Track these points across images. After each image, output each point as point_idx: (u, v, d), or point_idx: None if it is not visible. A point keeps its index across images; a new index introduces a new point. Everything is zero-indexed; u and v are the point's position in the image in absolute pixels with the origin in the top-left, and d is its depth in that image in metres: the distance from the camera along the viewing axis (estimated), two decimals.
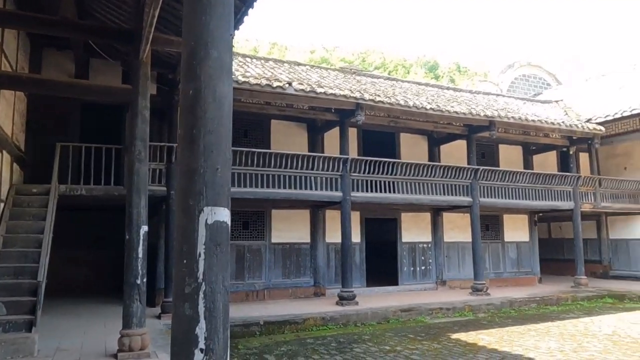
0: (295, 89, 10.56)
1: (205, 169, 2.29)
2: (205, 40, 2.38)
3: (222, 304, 2.26)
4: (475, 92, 18.15)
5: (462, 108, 13.05)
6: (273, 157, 10.84)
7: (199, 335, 2.17)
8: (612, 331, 9.16)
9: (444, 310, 11.11)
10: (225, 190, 2.34)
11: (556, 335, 8.88)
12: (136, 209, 6.41)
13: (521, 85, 23.70)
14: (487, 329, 9.53)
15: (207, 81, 2.35)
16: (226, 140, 2.38)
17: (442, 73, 62.12)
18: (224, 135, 2.37)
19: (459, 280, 14.64)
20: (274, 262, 12.48)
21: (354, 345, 8.14)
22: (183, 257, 2.25)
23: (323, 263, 12.98)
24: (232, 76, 10.23)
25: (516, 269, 15.89)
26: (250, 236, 12.41)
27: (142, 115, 6.61)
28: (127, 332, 6.13)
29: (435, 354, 7.46)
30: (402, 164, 12.45)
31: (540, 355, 7.28)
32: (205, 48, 2.38)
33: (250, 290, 12.07)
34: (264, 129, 12.87)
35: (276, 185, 10.88)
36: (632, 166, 16.77)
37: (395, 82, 16.26)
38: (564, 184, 14.73)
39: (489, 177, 13.54)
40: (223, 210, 2.31)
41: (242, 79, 10.11)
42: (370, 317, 10.23)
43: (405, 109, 11.99)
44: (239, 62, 12.41)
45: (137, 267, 6.27)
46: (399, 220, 14.38)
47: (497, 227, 15.82)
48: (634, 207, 15.86)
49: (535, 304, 12.35)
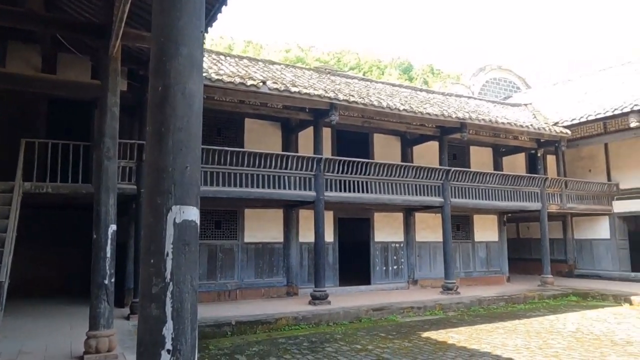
0: (270, 88, 10.51)
1: (174, 167, 2.26)
2: (175, 36, 2.35)
3: (191, 304, 2.23)
4: (447, 94, 18.45)
5: (435, 110, 13.24)
6: (246, 156, 10.77)
7: (165, 336, 2.14)
8: (575, 328, 9.45)
9: (415, 309, 11.25)
10: (194, 188, 2.32)
11: (523, 332, 9.10)
12: (104, 208, 6.27)
13: (492, 88, 24.19)
14: (456, 327, 9.69)
15: (177, 78, 2.32)
16: (196, 138, 2.35)
17: (416, 75, 62.88)
18: (194, 133, 2.35)
19: (430, 280, 14.85)
20: (246, 262, 12.41)
21: (325, 344, 8.16)
22: (150, 257, 2.22)
23: (296, 263, 12.97)
24: (205, 74, 10.12)
25: (486, 268, 16.22)
26: (223, 236, 12.30)
27: (112, 111, 6.47)
28: (93, 333, 5.99)
29: (405, 352, 7.54)
30: (376, 164, 12.55)
31: (507, 353, 7.45)
32: (175, 45, 2.35)
33: (223, 290, 11.96)
34: (238, 128, 12.77)
35: (249, 185, 10.81)
36: (597, 169, 17.34)
37: (369, 83, 16.37)
38: (532, 185, 15.11)
39: (460, 178, 13.78)
40: (192, 209, 2.28)
41: (216, 76, 10.01)
42: (343, 316, 10.28)
43: (378, 110, 12.08)
44: (213, 60, 12.28)
45: (105, 267, 6.13)
46: (372, 220, 14.49)
47: (467, 227, 16.11)
48: (598, 208, 16.40)
49: (503, 302, 12.63)
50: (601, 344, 8.06)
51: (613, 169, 16.86)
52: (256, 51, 60.63)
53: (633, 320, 10.27)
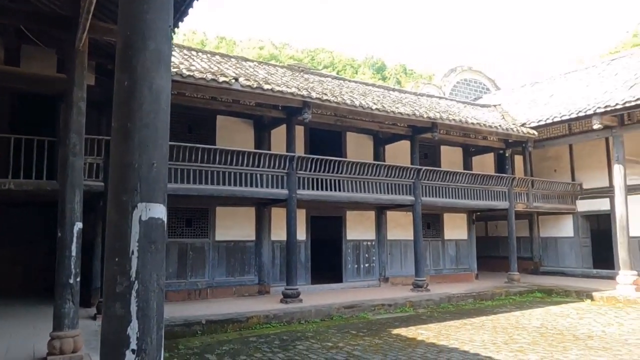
0: (242, 85, 10.42)
1: (140, 163, 2.21)
2: (142, 30, 2.30)
3: (157, 303, 2.19)
4: (419, 94, 18.68)
5: (407, 109, 13.39)
6: (218, 154, 10.65)
7: (130, 336, 2.10)
8: (540, 324, 9.73)
9: (386, 307, 11.37)
10: (161, 186, 2.28)
11: (490, 328, 9.32)
12: (70, 205, 6.10)
13: (463, 89, 24.62)
14: (426, 323, 9.84)
15: (144, 73, 2.27)
16: (163, 134, 2.31)
17: (389, 74, 63.43)
18: (161, 130, 2.30)
19: (401, 277, 15.03)
20: (217, 260, 12.29)
21: (297, 342, 8.16)
22: (115, 255, 2.17)
23: (268, 261, 12.92)
24: (176, 69, 9.94)
25: (455, 266, 16.53)
26: (194, 234, 12.15)
27: (78, 106, 6.29)
28: (57, 334, 5.83)
29: (376, 349, 7.62)
30: (348, 162, 12.61)
31: (475, 348, 7.61)
32: (142, 39, 2.30)
33: (193, 289, 11.82)
34: (210, 125, 12.62)
35: (221, 182, 10.70)
36: (562, 169, 17.88)
37: (342, 82, 16.43)
38: (500, 184, 15.46)
39: (431, 177, 13.98)
40: (158, 207, 2.25)
41: (187, 72, 9.86)
42: (314, 314, 10.30)
43: (351, 109, 12.14)
44: (184, 55, 12.10)
45: (70, 266, 5.97)
46: (344, 218, 14.55)
47: (437, 226, 16.38)
48: (563, 207, 16.91)
49: (471, 299, 12.90)
50: (564, 338, 8.33)
51: (577, 170, 17.42)
52: (229, 48, 60.03)
53: (594, 315, 10.65)
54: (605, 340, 8.14)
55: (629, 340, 8.08)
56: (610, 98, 13.64)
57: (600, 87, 15.73)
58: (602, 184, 16.30)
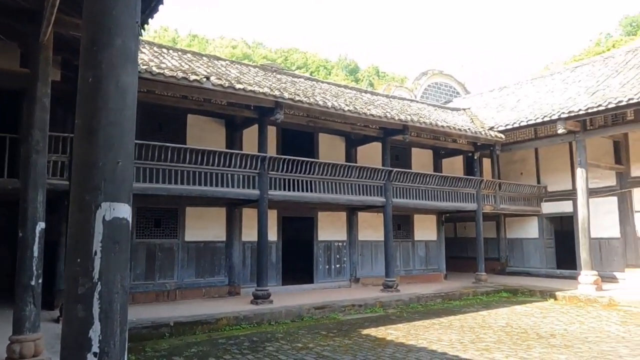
0: (213, 84, 10.31)
1: (104, 162, 2.16)
2: (108, 26, 2.25)
3: (120, 304, 2.14)
4: (391, 96, 18.89)
5: (378, 111, 13.51)
6: (189, 153, 10.50)
7: (92, 339, 2.04)
8: (505, 323, 9.96)
9: (357, 307, 11.43)
10: (126, 185, 2.23)
11: (457, 328, 9.48)
12: (32, 204, 5.91)
13: (434, 93, 25.02)
14: (395, 324, 9.94)
15: (109, 70, 2.22)
16: (129, 132, 2.27)
17: (362, 76, 63.89)
18: (127, 127, 2.26)
19: (372, 278, 15.15)
20: (187, 261, 12.11)
21: (267, 344, 8.12)
22: (77, 256, 2.11)
23: (238, 262, 12.82)
24: (146, 67, 9.74)
25: (424, 267, 16.77)
26: (163, 234, 11.94)
27: (42, 102, 6.10)
28: (17, 337, 5.63)
29: (345, 349, 7.65)
30: (320, 163, 12.63)
31: (443, 347, 7.73)
32: (108, 34, 2.25)
33: (161, 290, 11.61)
34: (180, 124, 12.44)
35: (191, 182, 10.55)
36: (528, 172, 18.38)
37: (315, 83, 16.46)
38: (469, 186, 15.78)
39: (402, 179, 14.15)
40: (123, 206, 2.20)
41: (157, 70, 9.69)
42: (285, 315, 10.27)
43: (324, 110, 12.16)
44: (154, 53, 11.89)
45: (31, 267, 5.78)
46: (316, 219, 14.58)
47: (408, 227, 16.58)
48: (528, 209, 17.38)
49: (440, 299, 13.10)
50: (528, 337, 8.55)
51: (542, 173, 17.94)
52: (201, 46, 59.31)
53: (557, 314, 10.98)
54: (567, 338, 8.40)
55: (589, 338, 8.36)
56: (574, 104, 14.10)
57: (565, 93, 16.24)
58: (566, 187, 16.84)
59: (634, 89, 13.03)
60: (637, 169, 14.99)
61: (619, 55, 17.42)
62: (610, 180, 15.54)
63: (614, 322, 9.94)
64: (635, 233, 14.79)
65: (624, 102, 12.50)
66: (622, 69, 15.61)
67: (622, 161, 15.35)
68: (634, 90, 12.75)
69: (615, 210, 15.30)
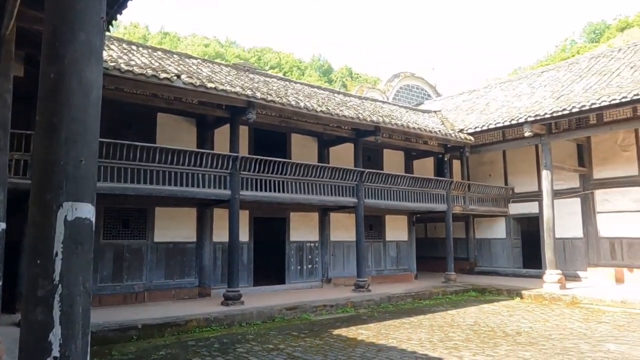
0: (184, 82, 10.16)
1: (66, 160, 2.10)
2: (71, 20, 2.19)
3: (82, 307, 2.08)
4: (363, 98, 19.02)
5: (351, 112, 13.58)
6: (158, 152, 10.32)
7: (52, 342, 1.98)
8: (473, 321, 10.16)
9: (328, 307, 11.46)
10: (90, 184, 2.17)
11: (427, 327, 9.62)
12: None
13: (405, 95, 25.33)
14: (366, 323, 10.01)
15: (72, 65, 2.16)
16: (93, 130, 2.21)
17: (336, 77, 64.11)
18: (91, 125, 2.20)
19: (344, 278, 15.21)
20: (156, 262, 11.90)
21: (237, 345, 8.05)
22: (37, 257, 2.04)
23: (209, 263, 12.67)
24: (114, 64, 9.52)
25: (396, 267, 16.95)
26: (131, 235, 11.70)
27: (3, 98, 5.89)
28: None
29: (316, 349, 7.66)
30: (292, 164, 12.60)
31: (412, 346, 7.83)
32: (71, 29, 2.18)
33: (129, 292, 11.37)
34: (150, 122, 12.21)
35: (161, 182, 10.37)
36: (496, 174, 18.81)
37: (288, 83, 16.42)
38: (439, 187, 16.03)
39: (374, 180, 14.26)
40: (86, 206, 2.14)
41: (126, 67, 9.48)
42: (256, 316, 10.20)
43: (296, 110, 12.14)
44: (123, 50, 11.64)
45: None
46: (288, 219, 14.54)
47: (379, 227, 16.73)
48: (496, 210, 17.79)
49: (410, 298, 13.26)
50: (495, 335, 8.74)
51: (510, 174, 18.39)
52: (173, 44, 58.42)
53: (522, 313, 11.26)
54: (531, 335, 8.63)
55: (553, 335, 8.61)
56: (540, 108, 14.51)
57: (532, 97, 16.70)
58: (532, 189, 17.31)
59: (595, 94, 13.50)
60: (599, 171, 15.53)
61: (583, 61, 18.03)
62: (574, 182, 16.05)
63: (577, 319, 10.27)
64: (597, 233, 15.32)
65: (587, 106, 12.93)
66: (586, 75, 16.16)
67: (585, 164, 15.88)
68: (596, 96, 13.21)
69: (578, 211, 15.81)
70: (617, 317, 10.41)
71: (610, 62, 16.23)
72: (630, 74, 14.16)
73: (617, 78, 14.35)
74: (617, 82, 13.98)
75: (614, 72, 14.94)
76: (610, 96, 12.57)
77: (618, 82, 13.93)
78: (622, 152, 15.00)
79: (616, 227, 14.85)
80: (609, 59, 16.68)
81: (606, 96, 12.70)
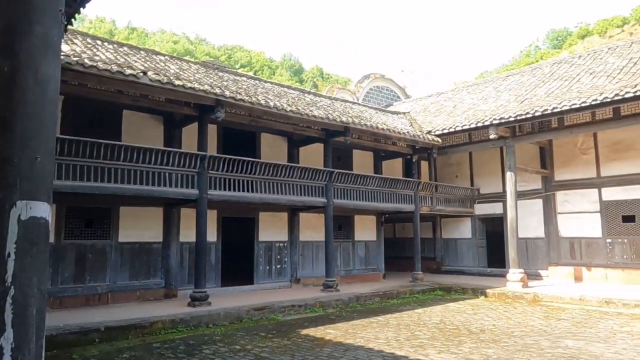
0: (151, 79, 9.96)
1: (20, 157, 2.02)
2: (27, 13, 2.11)
3: (37, 309, 2.01)
4: (334, 98, 19.09)
5: (321, 113, 13.61)
6: (124, 150, 10.07)
7: (4, 347, 1.90)
8: (439, 320, 10.34)
9: (296, 308, 11.44)
10: (46, 182, 2.10)
11: (394, 326, 9.73)
12: None
13: (375, 96, 25.57)
14: (334, 323, 10.05)
15: (28, 59, 2.08)
16: (49, 126, 2.13)
17: (306, 77, 64.11)
18: (47, 121, 2.12)
19: (313, 278, 15.22)
20: (120, 263, 11.62)
21: (203, 346, 7.95)
22: None
23: (176, 263, 12.46)
24: (77, 58, 9.25)
25: (364, 266, 17.08)
26: (94, 235, 11.39)
27: None
28: None
29: (284, 350, 7.64)
30: (262, 163, 12.53)
31: (379, 345, 7.90)
32: (27, 22, 2.11)
33: (92, 293, 11.07)
34: (115, 120, 11.92)
35: (126, 181, 10.12)
36: (462, 175, 19.20)
37: (258, 82, 16.32)
38: (407, 188, 16.24)
39: (343, 180, 14.33)
40: (42, 205, 2.06)
41: (89, 62, 9.21)
42: (223, 317, 10.09)
43: (266, 109, 12.08)
44: (88, 44, 11.32)
45: None
46: (257, 219, 14.45)
47: (348, 227, 16.82)
48: (462, 211, 18.16)
49: (378, 298, 13.39)
50: (460, 333, 8.92)
51: (475, 176, 18.81)
52: (141, 40, 57.22)
53: (486, 311, 11.53)
54: (495, 333, 8.85)
55: (515, 333, 8.85)
56: (505, 111, 14.90)
57: (497, 100, 17.13)
58: (497, 190, 17.76)
59: (557, 98, 13.96)
60: (560, 173, 16.06)
61: (545, 67, 18.61)
62: (537, 183, 16.55)
63: (538, 317, 10.59)
64: (558, 233, 15.84)
65: (549, 110, 13.35)
66: (548, 80, 16.69)
67: (547, 166, 16.39)
68: (558, 100, 13.66)
69: (540, 212, 16.31)
70: (575, 314, 10.79)
71: (571, 68, 16.81)
72: (589, 80, 14.71)
73: (577, 84, 14.88)
74: (577, 87, 14.50)
75: (575, 78, 15.49)
76: (570, 101, 13.02)
77: (578, 87, 14.44)
78: (582, 155, 15.56)
79: (576, 227, 15.40)
80: (570, 65, 17.28)
81: (567, 101, 13.14)
